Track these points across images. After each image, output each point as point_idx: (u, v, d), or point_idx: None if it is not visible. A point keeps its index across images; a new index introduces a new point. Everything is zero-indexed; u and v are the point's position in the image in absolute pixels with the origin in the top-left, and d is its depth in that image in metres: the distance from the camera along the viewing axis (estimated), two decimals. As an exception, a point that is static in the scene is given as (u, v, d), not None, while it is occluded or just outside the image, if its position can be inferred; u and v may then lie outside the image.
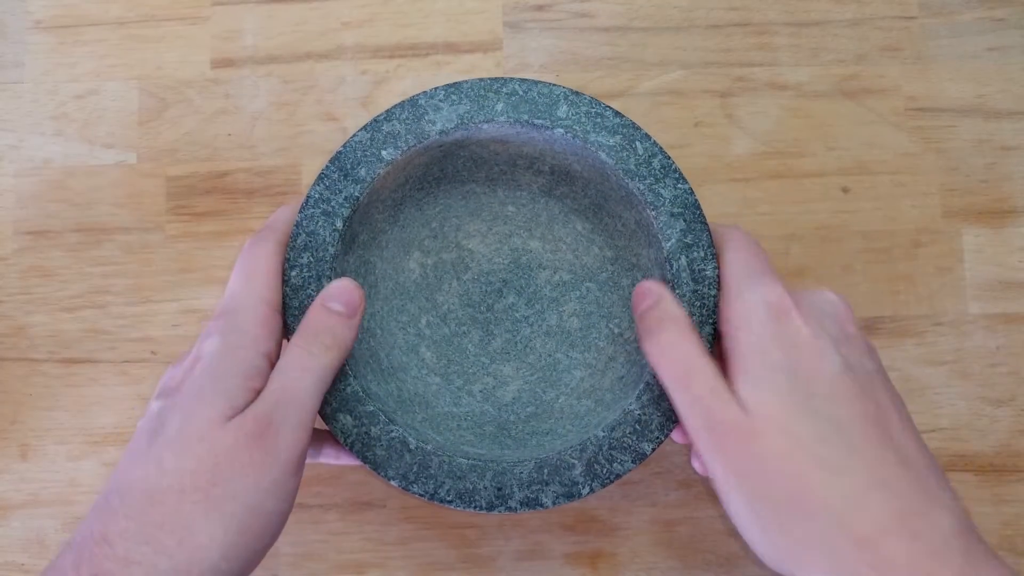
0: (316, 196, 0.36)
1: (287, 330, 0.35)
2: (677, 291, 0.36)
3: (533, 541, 0.40)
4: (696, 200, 0.37)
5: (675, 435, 0.35)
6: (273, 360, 0.32)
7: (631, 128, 0.37)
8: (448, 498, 0.34)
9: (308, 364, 0.32)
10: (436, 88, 0.37)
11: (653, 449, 0.35)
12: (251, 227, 0.42)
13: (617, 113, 0.37)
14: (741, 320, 0.32)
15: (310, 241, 0.36)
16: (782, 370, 0.30)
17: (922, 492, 0.29)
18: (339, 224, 0.36)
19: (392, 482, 0.34)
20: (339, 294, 0.33)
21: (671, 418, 0.35)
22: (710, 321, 0.36)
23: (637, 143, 0.37)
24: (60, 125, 0.43)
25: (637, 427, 0.35)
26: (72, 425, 0.41)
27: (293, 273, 0.36)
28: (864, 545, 0.28)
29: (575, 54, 0.43)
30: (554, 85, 0.37)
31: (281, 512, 0.31)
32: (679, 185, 0.37)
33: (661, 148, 0.37)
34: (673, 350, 0.32)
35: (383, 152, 0.37)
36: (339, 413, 0.35)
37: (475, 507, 0.34)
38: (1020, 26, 0.44)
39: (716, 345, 0.34)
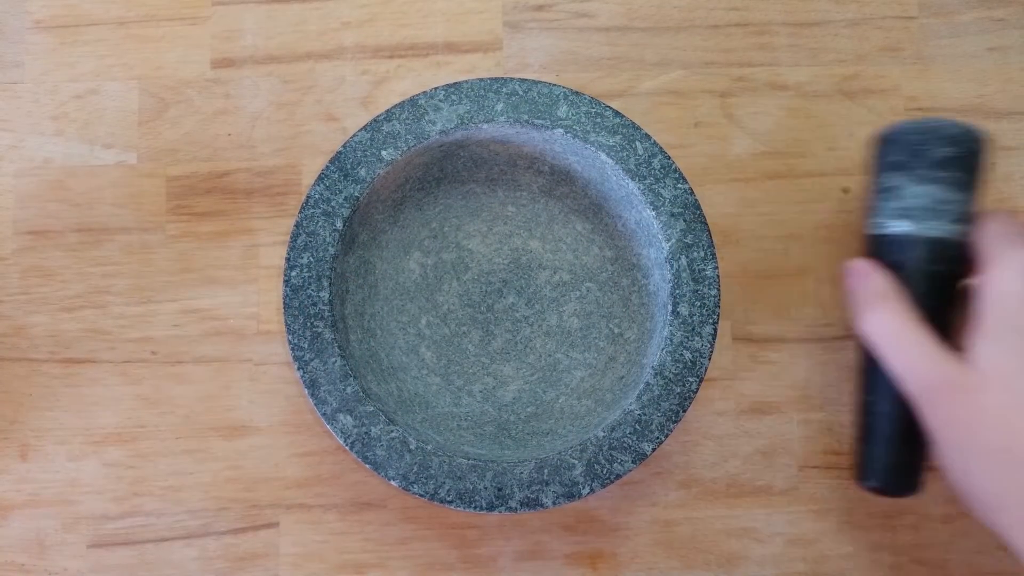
0: (316, 196, 0.36)
1: (287, 329, 0.35)
2: (677, 291, 0.36)
3: (533, 541, 0.40)
4: (696, 200, 0.37)
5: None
6: None
7: (631, 128, 0.37)
8: (448, 498, 0.34)
9: None
10: (436, 88, 0.37)
11: (653, 449, 0.35)
12: (251, 227, 0.42)
13: (617, 113, 0.37)
14: (993, 282, 0.33)
15: (310, 241, 0.36)
16: (1022, 332, 0.32)
17: None
18: (339, 224, 0.36)
19: (392, 482, 0.34)
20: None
21: (671, 418, 0.35)
22: (711, 321, 0.36)
23: (637, 143, 0.37)
24: (60, 125, 0.43)
25: (637, 427, 0.35)
26: (72, 425, 0.41)
27: (293, 273, 0.36)
28: None
29: (575, 54, 0.43)
30: (554, 85, 0.37)
31: None
32: (679, 185, 0.37)
33: (661, 148, 0.37)
34: (884, 324, 0.35)
35: (383, 152, 0.37)
36: (339, 413, 0.35)
37: (475, 507, 0.34)
38: (1020, 26, 0.44)
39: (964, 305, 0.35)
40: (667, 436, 0.35)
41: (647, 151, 0.37)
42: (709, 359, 0.35)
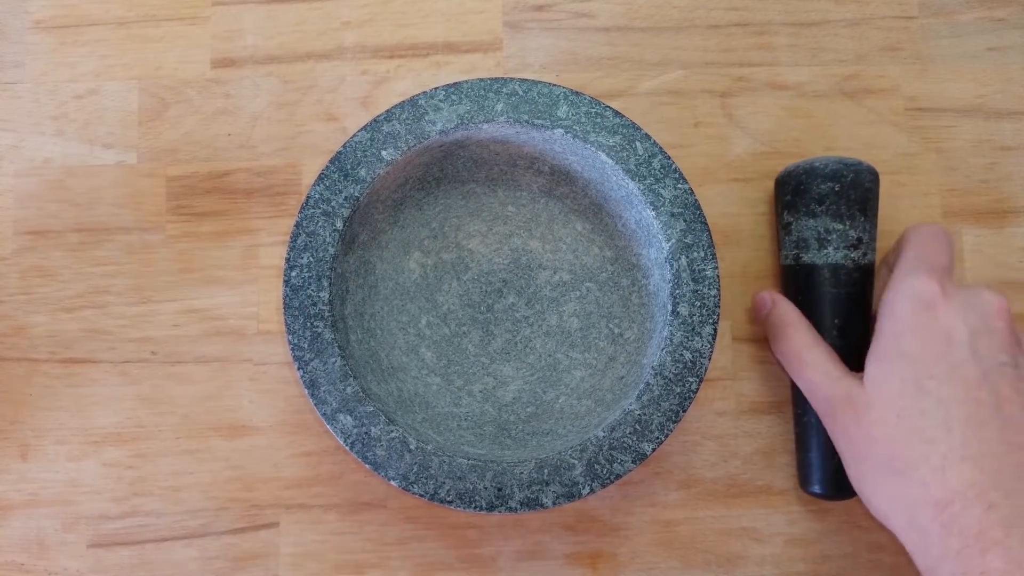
0: (316, 196, 0.36)
1: (287, 329, 0.35)
2: (677, 291, 0.36)
3: (533, 541, 0.40)
4: (696, 200, 0.37)
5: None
6: None
7: (631, 128, 0.37)
8: (448, 498, 0.34)
9: None
10: (436, 88, 0.37)
11: (653, 449, 0.35)
12: (251, 227, 0.42)
13: (617, 113, 0.37)
14: (889, 308, 0.36)
15: (310, 241, 0.36)
16: (908, 355, 0.35)
17: (1016, 473, 0.32)
18: (339, 224, 0.36)
19: (392, 482, 0.34)
20: None
21: (671, 418, 0.35)
22: (711, 321, 0.36)
23: (637, 143, 0.37)
24: (60, 125, 0.43)
25: (637, 427, 0.35)
26: (72, 425, 0.41)
27: (293, 273, 0.36)
28: (939, 507, 0.32)
29: (575, 54, 0.43)
30: (554, 85, 0.37)
31: None
32: (679, 185, 0.37)
33: (661, 148, 0.37)
34: (789, 347, 0.38)
35: (383, 152, 0.37)
36: (339, 413, 0.35)
37: (475, 507, 0.34)
38: (1020, 26, 0.44)
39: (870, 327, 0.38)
40: (667, 436, 0.35)
41: (647, 151, 0.37)
42: (709, 359, 0.35)
